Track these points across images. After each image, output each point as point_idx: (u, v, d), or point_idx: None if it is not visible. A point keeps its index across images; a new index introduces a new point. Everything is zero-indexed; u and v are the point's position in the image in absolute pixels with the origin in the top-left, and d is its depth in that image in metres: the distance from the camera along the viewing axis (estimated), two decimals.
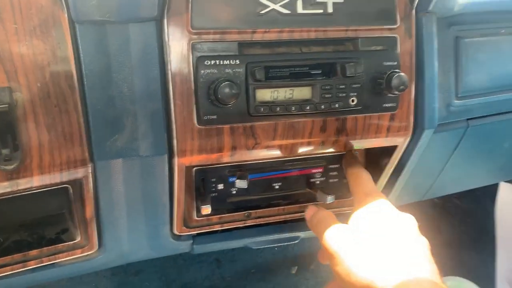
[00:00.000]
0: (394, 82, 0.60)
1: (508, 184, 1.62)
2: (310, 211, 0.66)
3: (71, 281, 1.35)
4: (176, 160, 0.60)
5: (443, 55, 0.70)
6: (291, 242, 0.79)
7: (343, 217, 0.63)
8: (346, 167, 0.70)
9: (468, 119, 0.79)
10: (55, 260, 0.66)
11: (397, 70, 0.62)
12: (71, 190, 0.61)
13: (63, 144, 0.54)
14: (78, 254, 0.66)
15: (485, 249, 1.61)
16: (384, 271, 0.53)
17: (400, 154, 0.72)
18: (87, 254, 0.67)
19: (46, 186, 0.56)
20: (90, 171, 0.57)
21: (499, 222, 1.63)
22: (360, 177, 0.66)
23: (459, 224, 1.67)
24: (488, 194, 1.66)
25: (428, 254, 0.55)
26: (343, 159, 0.74)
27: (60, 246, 0.66)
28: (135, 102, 0.56)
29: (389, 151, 0.72)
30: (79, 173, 0.57)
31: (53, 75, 0.52)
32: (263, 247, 0.79)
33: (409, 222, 0.59)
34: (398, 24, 0.64)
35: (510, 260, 1.58)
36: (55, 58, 0.52)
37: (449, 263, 1.58)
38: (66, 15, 0.51)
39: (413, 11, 0.65)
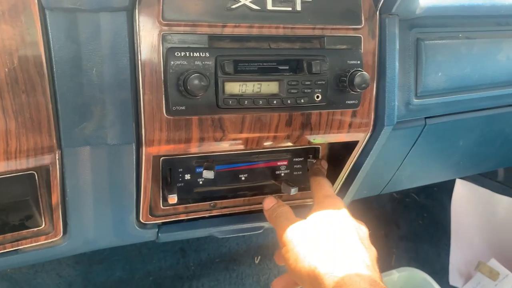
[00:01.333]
0: (357, 80, 0.63)
1: (463, 181, 1.69)
2: (269, 202, 0.70)
3: (33, 269, 1.33)
4: (143, 150, 0.61)
5: (404, 56, 0.73)
6: (255, 232, 0.81)
7: (304, 209, 0.66)
8: (311, 175, 0.74)
9: (426, 117, 0.82)
10: (19, 246, 0.66)
11: (360, 69, 0.64)
12: (37, 176, 0.61)
13: (31, 130, 0.54)
14: (42, 240, 0.66)
15: (440, 243, 1.69)
16: (329, 263, 0.56)
17: (361, 149, 0.75)
18: (52, 241, 0.67)
19: (11, 172, 0.56)
20: (57, 158, 0.57)
21: (453, 217, 1.71)
22: (322, 184, 0.71)
23: (416, 218, 1.73)
24: (445, 190, 1.73)
25: (374, 262, 0.59)
26: (310, 168, 0.78)
27: (24, 232, 0.65)
28: (104, 90, 0.56)
29: (350, 146, 0.75)
30: (46, 159, 0.57)
31: (22, 60, 0.52)
32: (227, 236, 0.81)
33: (362, 229, 0.64)
34: (363, 24, 0.67)
35: (462, 253, 1.66)
36: (24, 43, 0.51)
37: (406, 255, 1.65)
38: (36, 0, 0.51)
39: (377, 13, 0.68)
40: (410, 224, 1.71)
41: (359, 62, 0.66)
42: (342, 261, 0.57)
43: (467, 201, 1.70)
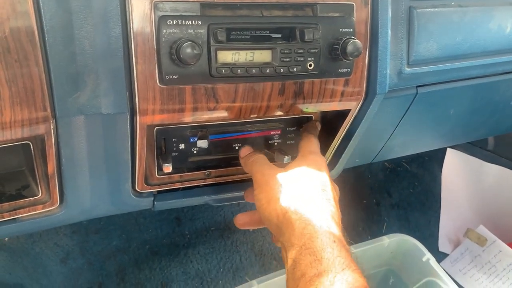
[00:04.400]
0: (349, 48, 0.63)
1: (454, 150, 1.72)
2: (245, 150, 0.72)
3: (31, 239, 1.35)
4: (137, 119, 0.61)
5: (396, 24, 0.73)
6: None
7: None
8: (303, 131, 0.75)
9: (417, 86, 0.82)
10: (16, 215, 0.66)
11: (352, 37, 0.64)
12: (32, 146, 0.61)
13: (25, 99, 0.54)
14: (39, 209, 0.67)
15: (430, 210, 1.72)
16: (302, 210, 0.58)
17: (353, 118, 0.76)
18: (49, 210, 0.68)
19: (7, 142, 0.57)
20: (52, 127, 0.58)
21: (444, 185, 1.74)
22: (311, 141, 0.72)
23: (407, 187, 1.76)
24: (435, 159, 1.76)
25: (340, 223, 0.61)
26: (304, 125, 0.79)
27: (21, 201, 0.66)
28: (97, 59, 0.56)
29: (342, 115, 0.75)
30: (40, 129, 0.57)
31: (13, 30, 0.51)
32: (222, 204, 0.82)
33: (335, 191, 0.65)
34: None
35: (451, 220, 1.70)
36: (15, 12, 0.51)
37: (397, 222, 1.68)
38: None
39: None
40: (402, 193, 1.74)
41: (351, 30, 0.66)
42: (315, 212, 0.58)
43: (457, 170, 1.73)
